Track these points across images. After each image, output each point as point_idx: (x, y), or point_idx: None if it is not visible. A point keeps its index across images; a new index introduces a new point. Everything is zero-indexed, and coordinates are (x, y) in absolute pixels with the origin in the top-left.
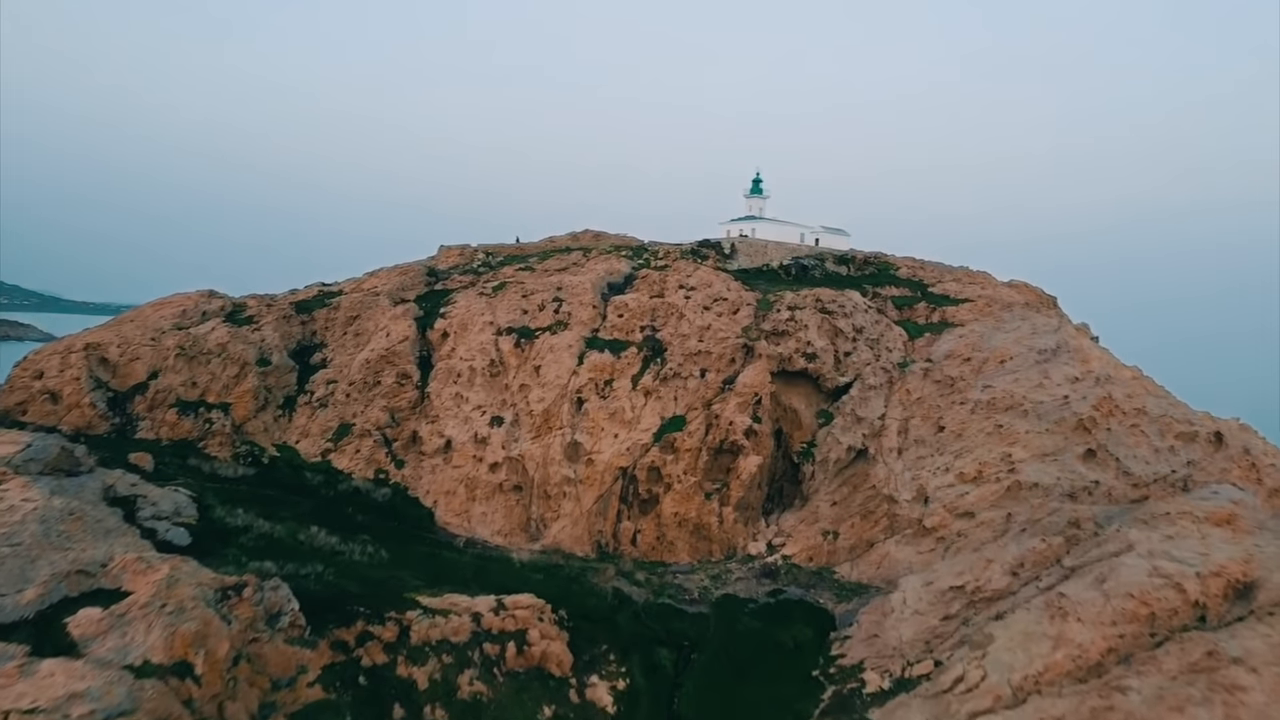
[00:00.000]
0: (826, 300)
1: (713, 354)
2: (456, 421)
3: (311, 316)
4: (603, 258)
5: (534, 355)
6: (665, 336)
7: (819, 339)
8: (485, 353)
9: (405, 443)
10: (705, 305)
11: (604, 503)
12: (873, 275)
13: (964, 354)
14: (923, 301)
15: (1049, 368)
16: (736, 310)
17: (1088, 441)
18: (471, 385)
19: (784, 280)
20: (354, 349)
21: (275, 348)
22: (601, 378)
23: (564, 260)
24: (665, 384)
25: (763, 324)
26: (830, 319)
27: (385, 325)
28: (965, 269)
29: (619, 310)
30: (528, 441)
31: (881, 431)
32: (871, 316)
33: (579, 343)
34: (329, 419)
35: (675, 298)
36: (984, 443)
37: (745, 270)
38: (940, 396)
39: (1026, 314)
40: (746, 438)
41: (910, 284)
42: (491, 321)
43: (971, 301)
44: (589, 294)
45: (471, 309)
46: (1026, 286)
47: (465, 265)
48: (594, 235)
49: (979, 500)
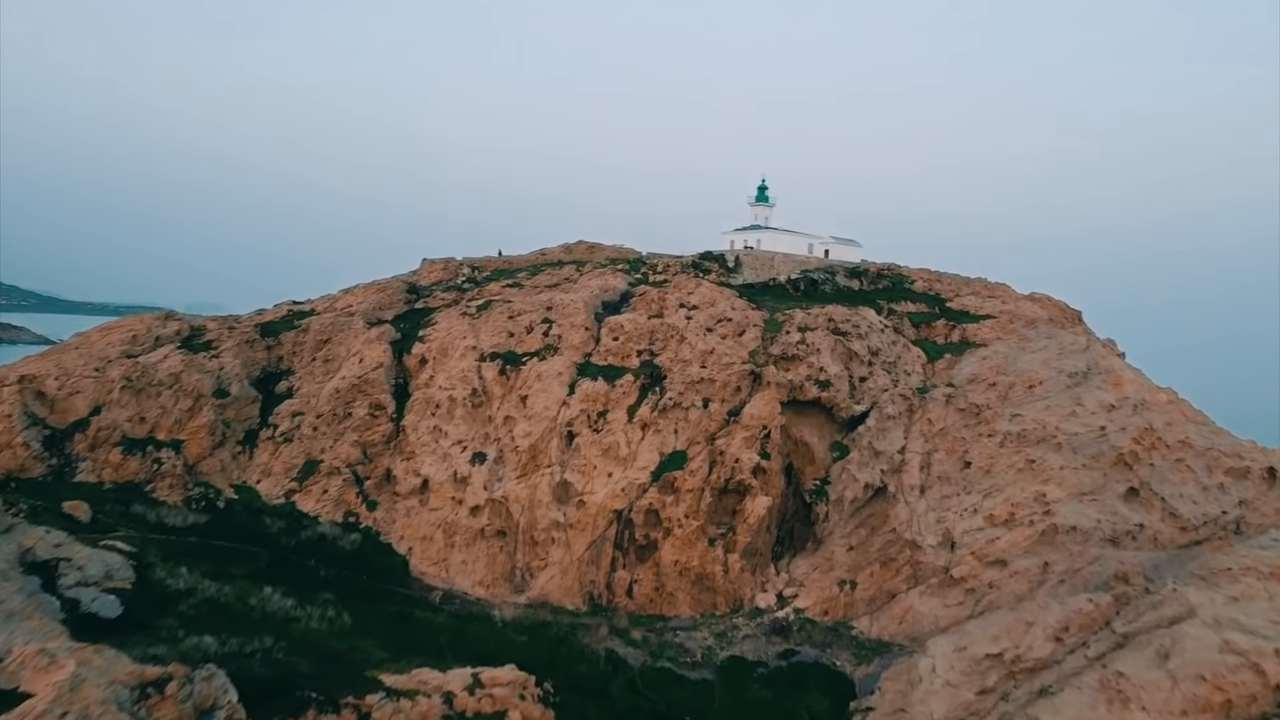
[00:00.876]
0: (839, 320)
1: (716, 382)
2: (434, 458)
3: (278, 340)
4: (597, 273)
5: (520, 384)
6: (664, 362)
7: (832, 364)
8: (467, 381)
9: (378, 482)
10: (708, 327)
11: (597, 549)
12: (886, 289)
13: (989, 378)
14: (941, 319)
15: (1081, 393)
16: (742, 332)
17: (1129, 478)
18: (451, 418)
19: (792, 296)
20: (323, 377)
21: (235, 377)
22: (594, 409)
23: (555, 276)
24: (664, 416)
25: (771, 347)
26: (844, 341)
27: (358, 350)
28: (983, 280)
29: (614, 333)
30: (512, 481)
31: (902, 467)
32: (888, 337)
33: (570, 370)
34: (294, 455)
35: (675, 318)
36: (1015, 480)
37: (751, 285)
38: (965, 427)
39: (1052, 331)
40: (754, 476)
41: (927, 299)
42: (474, 346)
43: (993, 318)
44: (581, 314)
45: (453, 331)
46: (1049, 300)
47: (449, 281)
48: (588, 247)
49: (1011, 546)
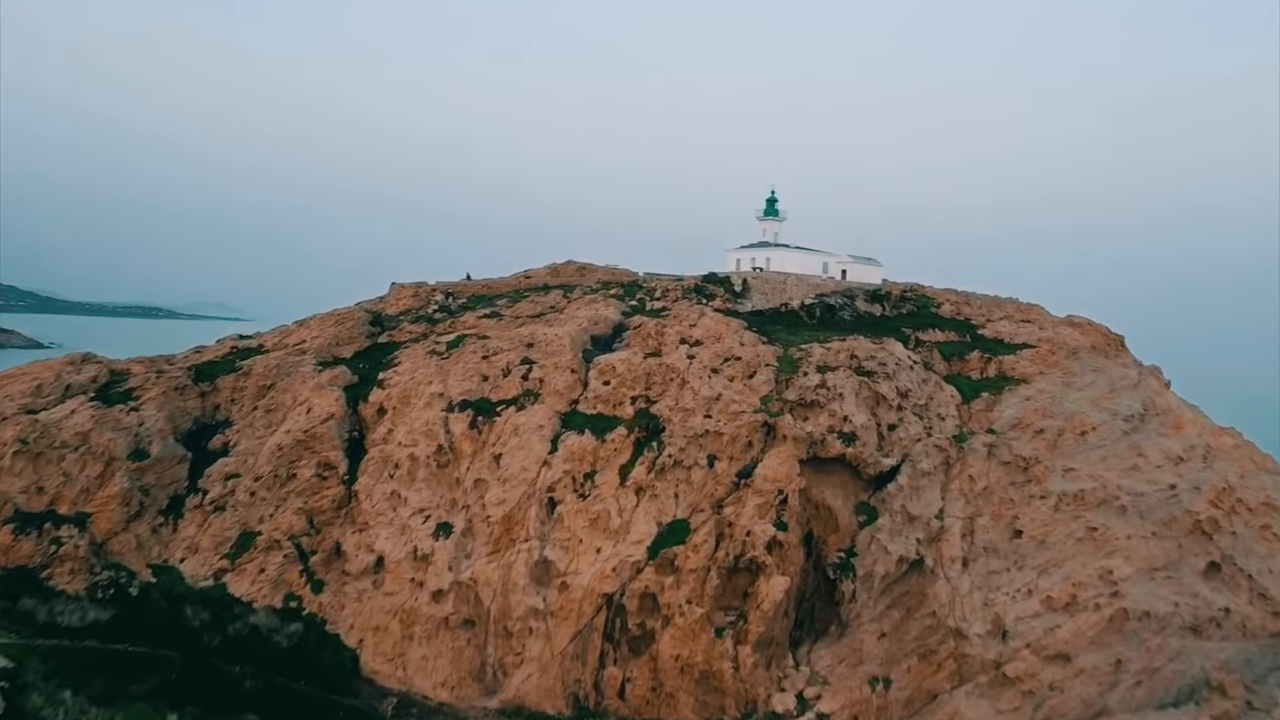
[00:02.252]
0: (863, 357)
1: (724, 435)
2: (391, 531)
3: (214, 386)
4: (586, 300)
5: (494, 439)
6: (663, 411)
7: (858, 412)
8: (431, 436)
9: (326, 557)
10: (713, 367)
11: (582, 642)
12: (911, 315)
13: (1034, 423)
14: (975, 350)
15: (1140, 440)
16: (753, 373)
17: (1208, 550)
18: (412, 481)
19: (807, 324)
20: (265, 430)
21: (159, 433)
22: (581, 469)
23: (539, 303)
24: (663, 477)
25: (786, 392)
26: (869, 383)
27: (306, 398)
28: (1014, 301)
29: (605, 375)
30: (483, 559)
31: (940, 536)
32: (918, 375)
33: (553, 421)
34: (227, 526)
35: (676, 357)
36: (1074, 552)
37: (760, 313)
38: (1012, 486)
39: (1097, 363)
40: (769, 552)
41: (956, 325)
42: (441, 393)
43: (1032, 348)
44: (567, 353)
45: (417, 375)
46: (1089, 325)
47: (418, 310)
48: (577, 269)
49: (1075, 636)
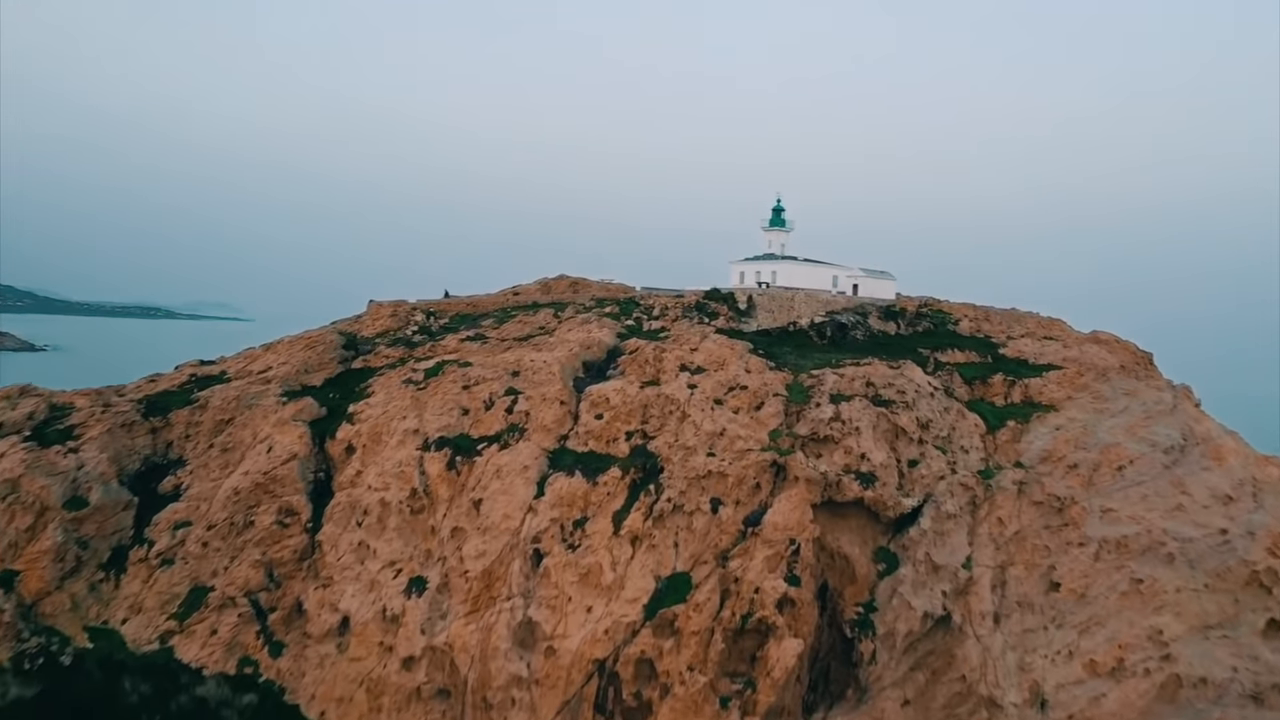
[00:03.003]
0: (881, 384)
1: (729, 477)
2: (358, 588)
3: (166, 420)
4: (579, 321)
5: (474, 482)
6: (661, 448)
7: (876, 448)
8: (404, 479)
9: (286, 615)
10: (717, 398)
11: (571, 714)
12: (928, 333)
13: (1066, 455)
14: (999, 373)
15: (1183, 475)
16: (760, 404)
17: (1267, 605)
18: (382, 529)
19: (817, 345)
20: (221, 471)
21: (99, 477)
22: (570, 516)
23: (527, 324)
24: (662, 524)
25: (797, 425)
26: (888, 414)
27: (267, 434)
28: (1034, 316)
29: (597, 407)
30: (459, 620)
31: (969, 588)
32: (939, 403)
33: (539, 460)
34: (175, 582)
35: (675, 386)
36: (1119, 608)
37: (766, 332)
38: (1047, 529)
39: (1129, 385)
40: (780, 611)
41: (976, 344)
42: (416, 429)
43: (1059, 370)
44: (556, 383)
45: (390, 408)
46: (1116, 342)
47: (396, 331)
48: (570, 283)
49: (1123, 707)
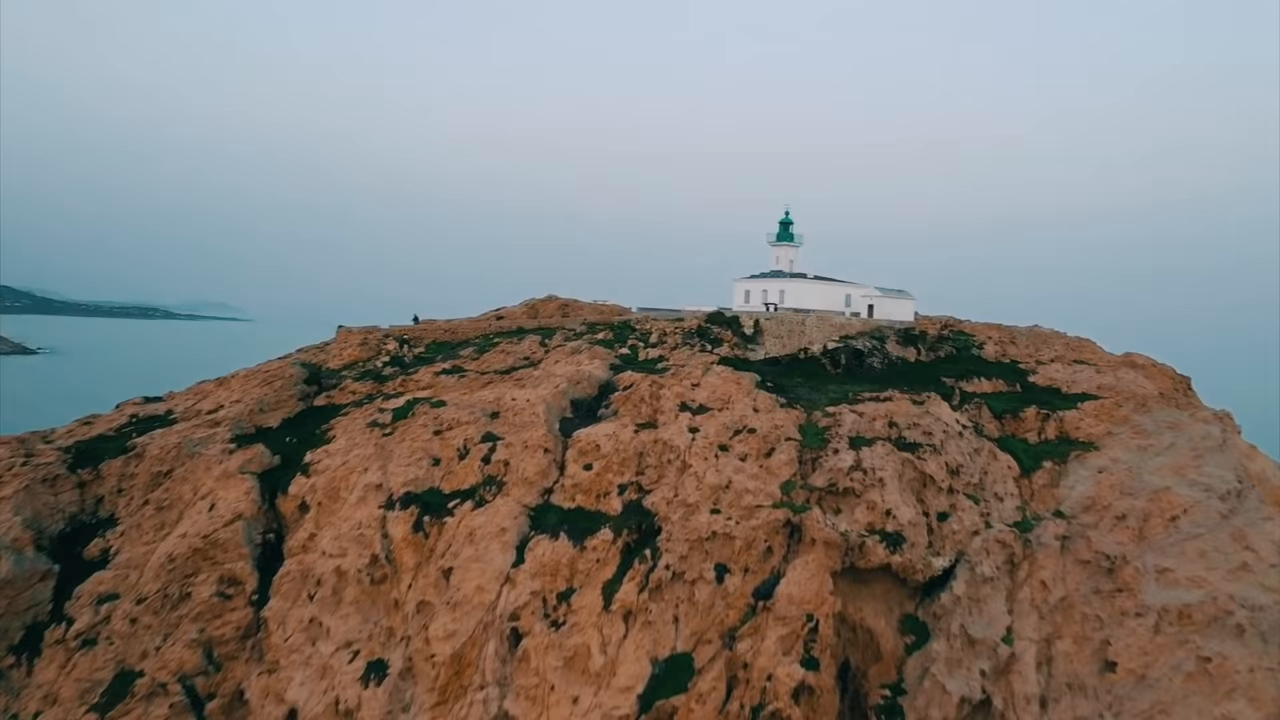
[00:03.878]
0: (904, 424)
1: (736, 539)
2: (308, 673)
3: (97, 472)
4: (568, 351)
5: (443, 547)
6: (659, 504)
7: (903, 502)
8: (364, 543)
9: (226, 705)
10: (722, 443)
11: None
12: (951, 359)
13: (1112, 504)
14: (1031, 405)
15: (1243, 526)
16: (770, 450)
17: None
18: (338, 604)
19: (830, 375)
20: (155, 533)
21: (11, 545)
22: (553, 587)
23: (510, 353)
24: (659, 596)
25: (813, 475)
26: (915, 460)
27: (210, 490)
28: (1061, 335)
29: (586, 456)
30: (425, 713)
31: (1011, 666)
32: (969, 443)
33: (519, 521)
34: (98, 666)
35: (675, 430)
36: (1185, 693)
37: (775, 360)
38: (1097, 595)
39: (1169, 415)
40: (796, 701)
41: (1003, 370)
42: (380, 483)
43: (1095, 399)
44: (540, 426)
45: (351, 458)
46: (1153, 366)
47: (366, 362)
48: (559, 305)
49: None
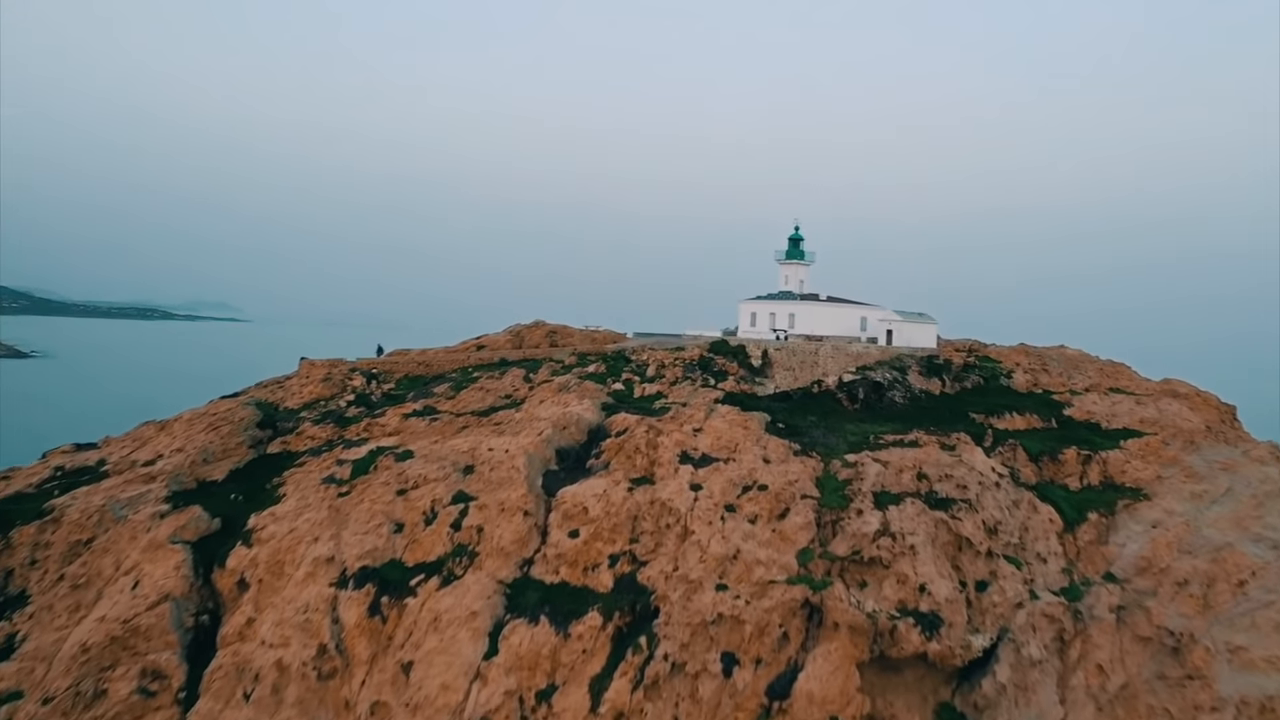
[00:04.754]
0: (935, 475)
1: (746, 623)
2: None
3: (7, 541)
4: (554, 388)
5: (403, 635)
6: (656, 579)
7: (938, 573)
8: (310, 630)
9: None
10: (728, 502)
11: None
12: (978, 390)
13: (1170, 566)
14: (1070, 445)
15: None
16: (784, 511)
17: None
18: (278, 705)
19: (847, 411)
20: (69, 616)
21: None
22: (532, 684)
23: (490, 391)
24: (656, 694)
25: (834, 540)
26: (949, 519)
27: (135, 564)
28: (1090, 358)
29: (572, 520)
30: None
31: None
32: (1006, 494)
33: (492, 601)
34: None
35: (675, 487)
36: None
37: (786, 395)
38: (1161, 682)
39: (1220, 452)
40: None
41: (1036, 403)
42: (332, 556)
43: (1139, 436)
44: (519, 484)
45: (300, 524)
46: (1196, 394)
47: (329, 402)
48: (547, 333)
49: None
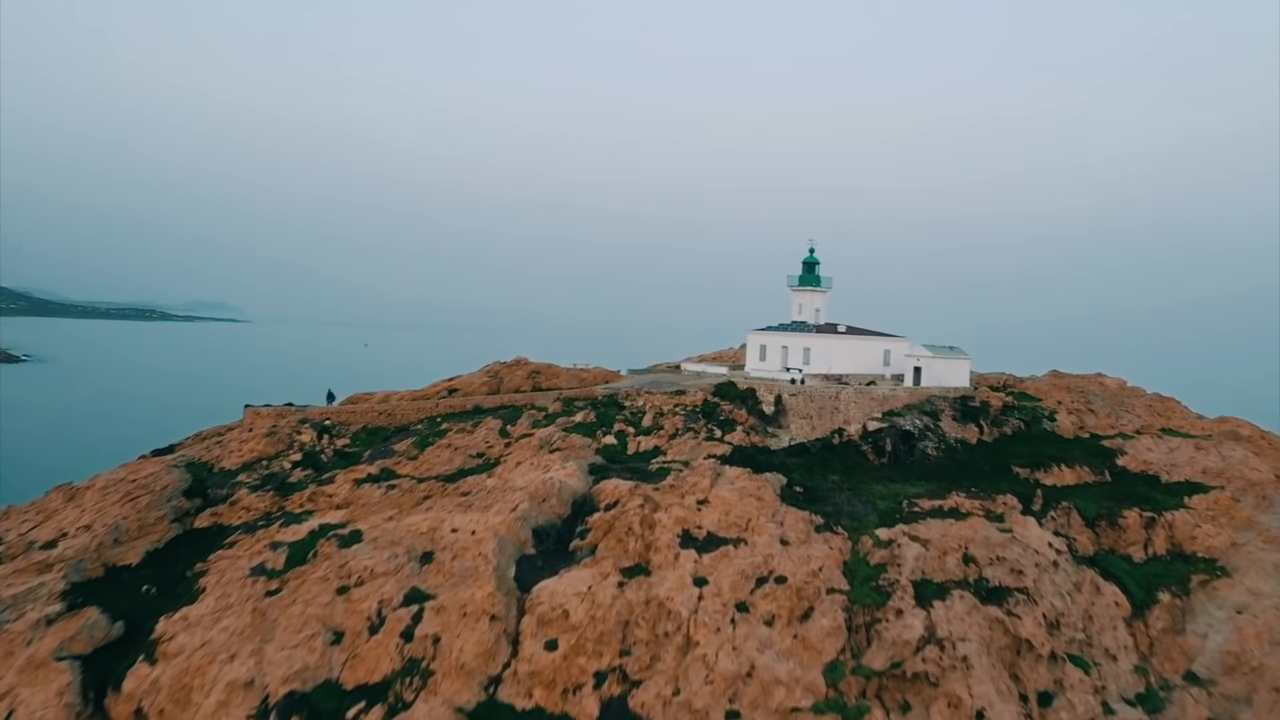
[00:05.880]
0: (985, 557)
1: None
2: None
3: None
4: (534, 445)
5: None
6: (653, 706)
7: (996, 692)
8: None
9: None
10: (740, 600)
11: None
12: (1020, 436)
13: (1263, 664)
14: (1132, 508)
15: None
16: (808, 611)
17: None
18: None
19: (874, 467)
20: None
21: None
22: None
23: (460, 449)
24: None
25: (868, 650)
26: (1005, 616)
27: (9, 687)
28: (1134, 390)
29: (549, 628)
30: None
31: None
32: (1067, 576)
33: None
34: None
35: (675, 582)
36: None
37: (804, 448)
38: None
39: None
40: None
41: (1085, 450)
42: (252, 679)
43: (1205, 492)
44: (486, 579)
45: (216, 634)
46: (1260, 436)
47: (272, 461)
48: (529, 374)
49: None
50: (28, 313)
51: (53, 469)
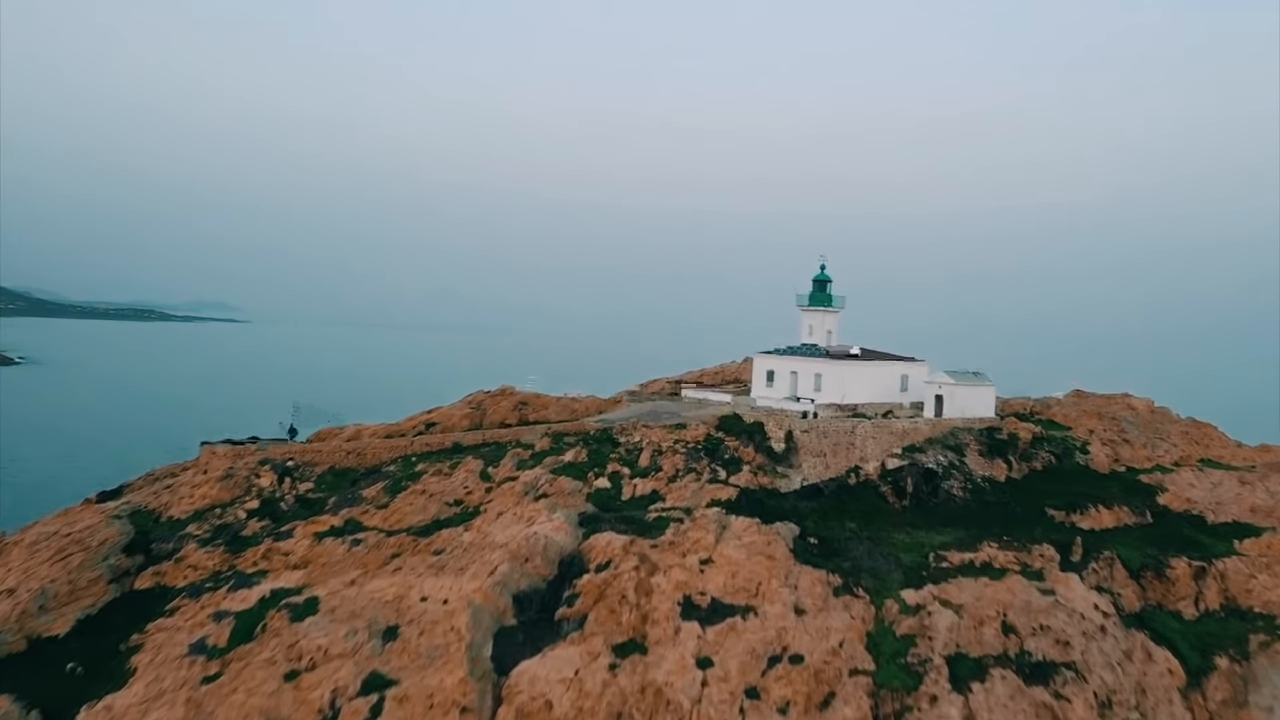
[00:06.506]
0: (1025, 627)
1: None
2: None
3: None
4: (518, 492)
5: None
6: None
7: None
8: None
9: None
10: (750, 684)
11: None
12: (1051, 472)
13: None
14: (1180, 557)
15: None
16: (828, 697)
17: None
18: None
19: (894, 510)
20: None
21: None
22: None
23: (435, 494)
24: None
25: None
26: (1051, 700)
27: None
28: (1166, 413)
29: (528, 716)
30: None
31: None
32: (1116, 643)
33: None
34: None
35: (674, 664)
36: None
37: (817, 490)
38: None
39: None
40: None
41: (1123, 488)
42: None
43: (1259, 537)
44: (459, 660)
45: None
46: None
47: (226, 509)
48: (515, 405)
49: None
50: (26, 313)
51: (31, 487)
